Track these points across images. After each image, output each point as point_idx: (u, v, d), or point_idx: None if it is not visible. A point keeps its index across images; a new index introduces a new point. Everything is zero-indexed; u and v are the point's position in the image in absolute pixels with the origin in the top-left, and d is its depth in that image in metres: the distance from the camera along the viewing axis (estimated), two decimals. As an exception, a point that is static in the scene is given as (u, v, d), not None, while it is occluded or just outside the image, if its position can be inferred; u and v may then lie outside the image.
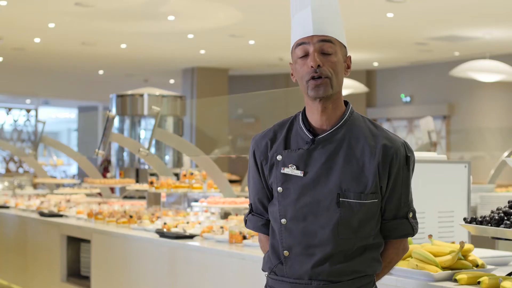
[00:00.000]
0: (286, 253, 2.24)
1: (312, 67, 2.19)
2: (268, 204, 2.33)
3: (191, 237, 4.67)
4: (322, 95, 2.21)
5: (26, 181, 10.21)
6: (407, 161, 2.26)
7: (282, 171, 2.26)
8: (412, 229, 2.31)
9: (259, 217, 2.39)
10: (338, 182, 2.20)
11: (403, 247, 2.35)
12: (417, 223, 2.33)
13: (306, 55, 2.23)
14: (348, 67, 2.29)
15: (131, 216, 5.63)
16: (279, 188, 2.26)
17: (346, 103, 2.31)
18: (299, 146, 2.26)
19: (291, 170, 2.25)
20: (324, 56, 2.22)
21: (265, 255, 2.35)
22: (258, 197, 2.36)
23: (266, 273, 2.32)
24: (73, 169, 18.78)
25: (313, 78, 2.20)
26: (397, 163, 2.23)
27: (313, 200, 2.22)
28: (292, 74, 2.32)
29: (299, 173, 2.24)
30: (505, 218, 2.78)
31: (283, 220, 2.25)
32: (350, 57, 2.31)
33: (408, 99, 15.23)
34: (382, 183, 2.22)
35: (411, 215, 2.30)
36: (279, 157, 2.27)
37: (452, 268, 2.88)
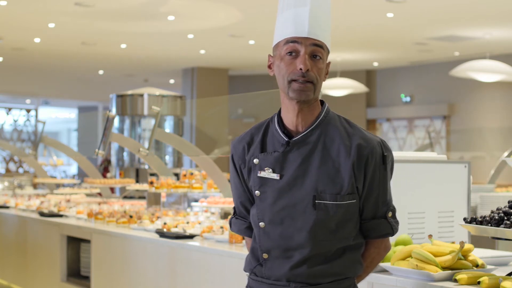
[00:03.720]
0: (265, 255, 2.23)
1: (301, 69, 2.16)
2: (251, 207, 2.32)
3: (191, 237, 4.67)
4: (304, 99, 2.18)
5: (26, 181, 10.21)
6: (384, 160, 2.23)
7: (258, 175, 2.24)
8: (391, 229, 2.28)
9: (242, 220, 2.38)
10: (314, 184, 2.18)
11: (384, 246, 2.33)
12: (397, 222, 2.30)
13: (294, 54, 2.19)
14: (327, 73, 2.27)
15: (131, 216, 5.63)
16: (257, 192, 2.25)
17: (322, 103, 2.29)
18: (275, 148, 2.24)
19: (267, 174, 2.23)
20: (313, 60, 2.19)
21: (247, 256, 2.34)
22: (240, 201, 2.36)
23: (247, 273, 2.32)
24: (73, 169, 18.80)
25: (298, 80, 2.17)
26: (373, 163, 2.20)
27: (289, 203, 2.20)
28: (269, 67, 2.27)
29: (275, 176, 2.22)
30: (505, 218, 2.78)
31: (261, 224, 2.23)
32: (329, 63, 2.28)
33: (408, 99, 15.23)
34: (358, 183, 2.20)
35: (390, 214, 2.28)
36: (255, 161, 2.25)
37: (452, 268, 2.88)
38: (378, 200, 2.24)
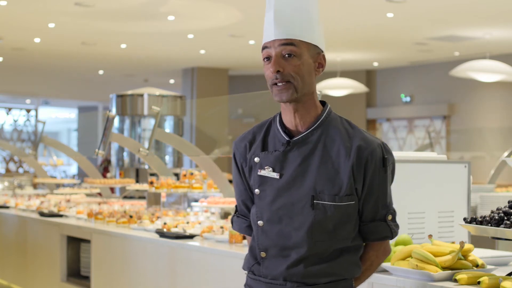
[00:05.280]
0: (263, 254, 2.24)
1: (272, 72, 2.18)
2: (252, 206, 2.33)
3: (191, 237, 4.67)
4: (285, 99, 2.19)
5: (26, 181, 10.21)
6: (384, 163, 2.22)
7: (259, 173, 2.25)
8: (390, 232, 2.27)
9: (243, 219, 2.39)
10: (313, 184, 2.18)
11: (383, 249, 2.32)
12: (397, 226, 2.29)
13: (269, 58, 2.21)
14: (320, 65, 2.25)
15: (131, 216, 5.63)
16: (256, 190, 2.26)
17: (324, 103, 2.29)
18: (276, 148, 2.25)
19: (267, 172, 2.23)
20: (286, 60, 2.18)
21: (246, 254, 2.35)
22: (241, 199, 2.37)
23: (246, 272, 2.33)
24: (73, 169, 18.80)
25: (276, 83, 2.18)
26: (372, 165, 2.19)
27: (288, 202, 2.20)
28: None
29: (275, 175, 2.22)
30: (505, 218, 2.78)
31: (260, 222, 2.24)
32: (323, 55, 2.26)
33: (408, 99, 15.23)
34: (357, 185, 2.19)
35: (390, 217, 2.27)
36: (256, 159, 2.26)
37: (452, 268, 2.88)
38: (377, 202, 2.24)
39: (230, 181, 7.92)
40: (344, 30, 11.06)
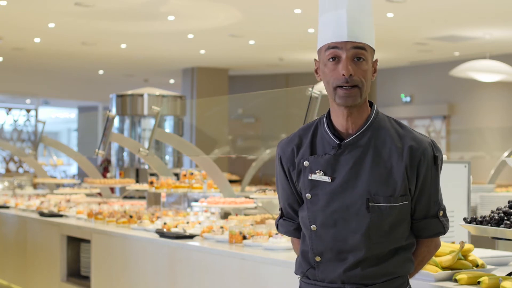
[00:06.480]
0: (317, 258, 2.23)
1: (343, 75, 2.14)
2: (299, 209, 2.31)
3: (191, 237, 4.67)
4: (351, 104, 2.17)
5: (26, 181, 10.21)
6: (435, 161, 2.23)
7: (309, 178, 2.23)
8: (443, 228, 2.28)
9: (290, 222, 2.37)
10: (367, 186, 2.17)
11: (435, 244, 2.33)
12: (448, 220, 2.29)
13: (337, 59, 2.17)
14: (375, 71, 2.25)
15: (131, 216, 5.63)
16: (308, 195, 2.23)
17: (371, 104, 2.28)
18: (326, 151, 2.22)
19: (318, 176, 2.21)
20: (355, 63, 2.16)
21: (297, 259, 2.34)
22: (288, 203, 2.35)
23: (299, 276, 2.31)
24: (73, 169, 18.79)
25: (343, 87, 2.15)
26: (425, 164, 2.20)
27: (342, 206, 2.19)
28: (316, 72, 2.26)
29: (327, 179, 2.20)
30: (505, 218, 2.78)
31: (313, 226, 2.23)
32: (377, 61, 2.26)
33: (408, 99, 15.23)
34: (411, 185, 2.19)
35: (441, 213, 2.27)
36: (306, 163, 2.24)
37: (452, 268, 2.88)
38: (430, 200, 2.24)
39: (230, 181, 7.92)
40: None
